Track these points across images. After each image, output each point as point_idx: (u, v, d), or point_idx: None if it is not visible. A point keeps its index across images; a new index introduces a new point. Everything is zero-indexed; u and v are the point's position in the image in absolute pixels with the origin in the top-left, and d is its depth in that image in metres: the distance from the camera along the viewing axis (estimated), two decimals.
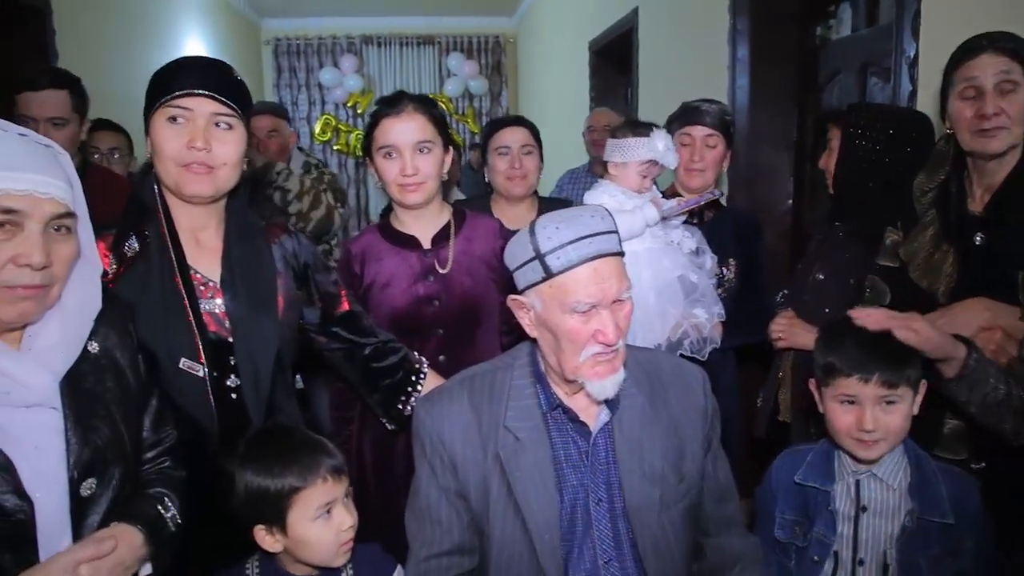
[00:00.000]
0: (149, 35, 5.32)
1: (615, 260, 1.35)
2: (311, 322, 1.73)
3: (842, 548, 1.55)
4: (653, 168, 2.12)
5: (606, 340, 1.32)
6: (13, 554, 1.12)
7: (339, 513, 1.38)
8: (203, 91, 1.47)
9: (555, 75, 7.04)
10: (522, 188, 2.56)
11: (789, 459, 1.67)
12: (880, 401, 1.50)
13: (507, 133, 2.59)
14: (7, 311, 1.14)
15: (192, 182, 1.49)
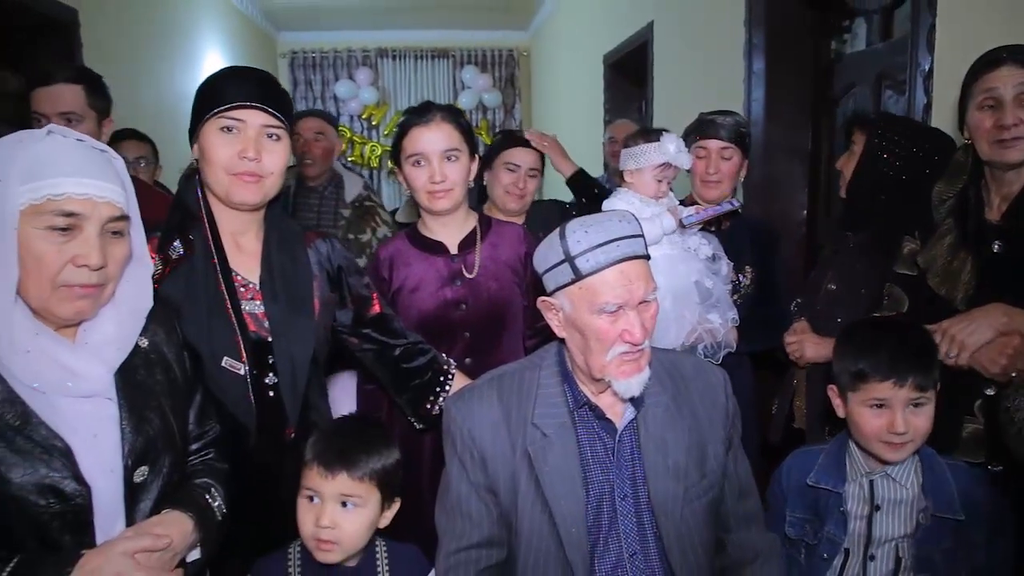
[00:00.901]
0: (171, 48, 5.43)
1: (641, 263, 1.40)
2: (344, 323, 1.79)
3: (853, 545, 1.60)
4: (667, 171, 2.18)
5: (633, 340, 1.37)
6: (72, 536, 1.18)
7: (326, 509, 1.43)
8: (256, 104, 1.54)
9: (569, 88, 7.10)
10: (518, 205, 2.69)
11: (800, 459, 1.72)
12: (909, 403, 1.54)
13: (520, 152, 2.69)
14: (66, 308, 1.20)
15: (242, 190, 1.56)
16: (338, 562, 1.46)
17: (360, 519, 1.45)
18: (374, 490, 1.47)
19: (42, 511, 1.16)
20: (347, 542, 1.44)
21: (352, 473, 1.44)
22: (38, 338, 1.18)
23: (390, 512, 1.52)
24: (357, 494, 1.45)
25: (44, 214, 1.15)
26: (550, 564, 1.47)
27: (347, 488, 1.44)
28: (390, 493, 1.51)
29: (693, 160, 2.43)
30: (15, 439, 1.14)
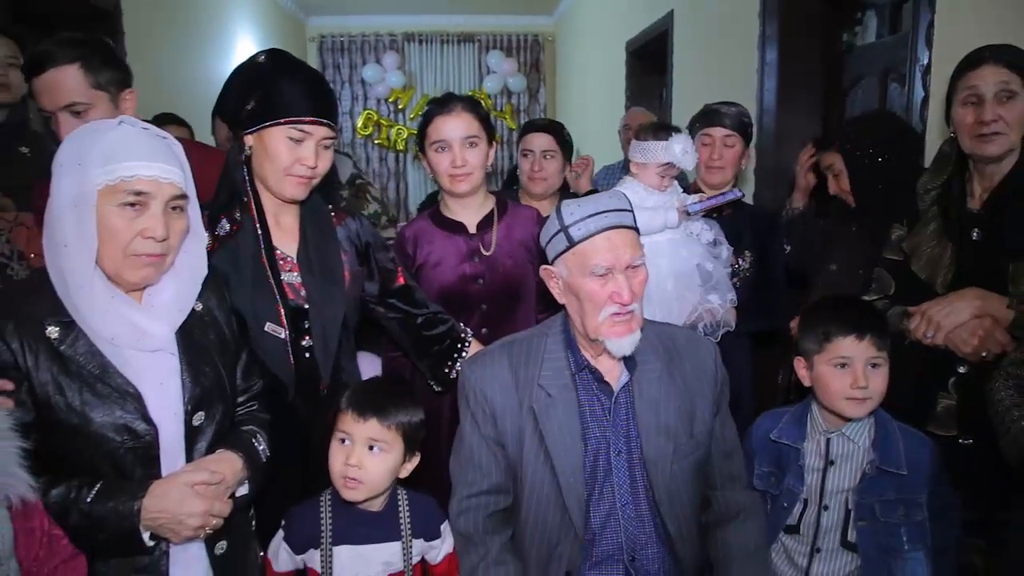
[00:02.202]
0: (205, 34, 5.61)
1: (628, 232, 1.59)
2: (371, 294, 1.97)
3: (811, 496, 1.77)
4: (671, 169, 2.31)
5: (621, 300, 1.56)
6: (142, 468, 1.39)
7: (355, 450, 1.60)
8: (323, 120, 1.72)
9: (592, 74, 7.18)
10: (541, 188, 2.81)
11: (768, 419, 1.90)
12: (869, 362, 1.70)
13: (534, 138, 2.84)
14: (134, 275, 1.38)
15: (294, 189, 1.75)
16: (362, 502, 1.64)
17: (384, 463, 1.62)
18: (399, 439, 1.63)
19: (118, 446, 1.36)
20: (371, 482, 1.61)
21: (381, 420, 1.61)
22: (113, 300, 1.36)
23: (411, 464, 1.69)
24: (384, 439, 1.61)
25: (117, 193, 1.33)
26: (550, 510, 1.65)
27: (375, 433, 1.61)
28: (412, 446, 1.67)
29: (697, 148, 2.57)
30: (96, 385, 1.34)
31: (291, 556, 1.64)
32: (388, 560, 1.64)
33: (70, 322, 1.35)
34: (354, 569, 1.62)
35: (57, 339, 1.34)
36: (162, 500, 1.35)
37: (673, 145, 2.25)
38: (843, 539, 1.74)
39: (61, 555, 1.28)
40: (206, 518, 1.38)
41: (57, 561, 1.27)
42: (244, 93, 1.73)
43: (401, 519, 1.68)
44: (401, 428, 1.64)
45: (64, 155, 1.35)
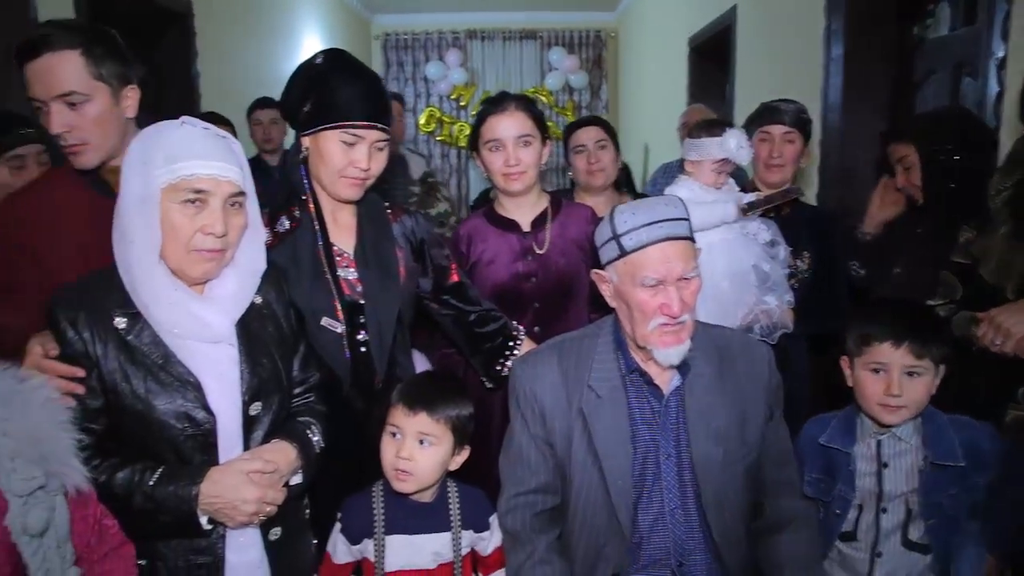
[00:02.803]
0: (272, 33, 5.75)
1: (683, 243, 1.56)
2: (425, 290, 2.00)
3: (866, 500, 1.73)
4: (726, 165, 2.29)
5: (670, 312, 1.54)
6: (201, 454, 1.45)
7: (405, 444, 1.64)
8: (375, 124, 1.75)
9: (654, 70, 7.12)
10: (601, 179, 2.80)
11: (816, 424, 1.86)
12: (906, 370, 1.66)
13: (582, 133, 2.84)
14: (195, 269, 1.44)
15: (348, 190, 1.79)
16: (412, 494, 1.67)
17: (434, 456, 1.65)
18: (448, 433, 1.67)
19: (179, 433, 1.42)
20: (421, 474, 1.65)
21: (431, 414, 1.65)
22: (176, 292, 1.42)
23: (460, 457, 1.72)
24: (433, 433, 1.65)
25: (179, 191, 1.39)
26: (598, 511, 1.64)
27: (425, 426, 1.64)
28: (461, 439, 1.70)
29: (756, 145, 2.53)
30: (159, 374, 1.40)
31: (348, 547, 1.68)
32: (438, 550, 1.67)
33: (136, 313, 1.41)
34: (406, 558, 1.66)
35: (124, 329, 1.40)
36: (218, 486, 1.40)
37: (727, 140, 2.22)
38: (904, 540, 1.70)
39: (111, 543, 1.35)
40: (260, 505, 1.43)
41: (107, 548, 1.34)
42: (301, 95, 1.77)
43: (451, 510, 1.71)
44: (450, 422, 1.67)
45: (131, 156, 1.41)
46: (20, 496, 1.16)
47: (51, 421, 1.23)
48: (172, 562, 1.45)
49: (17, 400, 1.21)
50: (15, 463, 1.17)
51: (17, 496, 1.16)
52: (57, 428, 1.23)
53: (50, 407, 1.24)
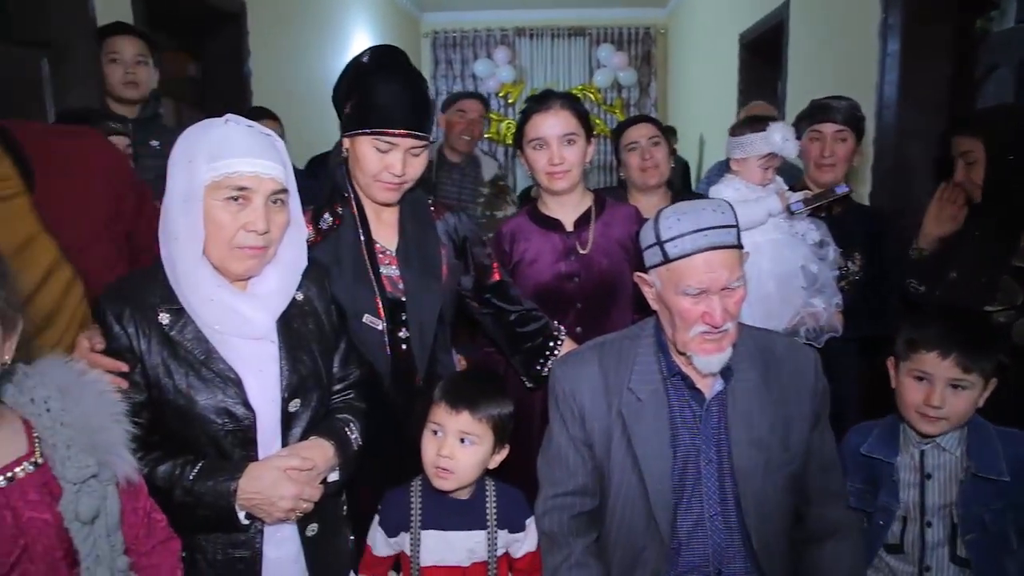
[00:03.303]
0: (323, 32, 5.81)
1: (729, 252, 1.51)
2: (466, 288, 2.00)
3: (910, 512, 1.67)
4: (773, 160, 2.24)
5: (712, 322, 1.50)
6: (241, 450, 1.46)
7: (447, 442, 1.65)
8: (409, 131, 1.73)
9: (704, 67, 7.03)
10: (655, 177, 2.71)
11: (858, 433, 1.80)
12: (951, 382, 1.60)
13: (634, 130, 2.77)
14: (238, 266, 1.45)
15: (383, 194, 1.79)
16: (452, 492, 1.68)
17: (475, 455, 1.66)
18: (489, 432, 1.67)
19: (219, 428, 1.43)
20: (461, 473, 1.65)
21: (473, 413, 1.65)
22: (219, 289, 1.43)
23: (499, 456, 1.72)
24: (475, 432, 1.65)
25: (223, 188, 1.40)
26: (636, 516, 1.62)
27: (467, 426, 1.65)
28: (502, 438, 1.71)
29: (807, 144, 2.47)
30: (201, 370, 1.42)
31: (386, 540, 1.69)
32: (472, 548, 1.67)
33: (180, 309, 1.43)
34: (440, 553, 1.66)
35: (168, 325, 1.43)
36: (256, 482, 1.41)
37: (772, 134, 2.18)
38: (952, 555, 1.64)
39: (159, 536, 1.37)
40: (296, 501, 1.44)
41: (155, 542, 1.36)
42: (345, 94, 1.78)
43: (488, 509, 1.71)
44: (492, 421, 1.67)
45: (176, 153, 1.43)
46: (73, 483, 1.19)
47: (105, 412, 1.25)
48: (211, 555, 1.47)
49: (75, 391, 1.23)
50: (70, 451, 1.19)
51: (70, 483, 1.19)
52: (111, 419, 1.25)
53: (105, 399, 1.27)
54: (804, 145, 2.47)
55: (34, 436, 1.20)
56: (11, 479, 1.14)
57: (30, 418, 1.20)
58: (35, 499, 1.15)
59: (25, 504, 1.14)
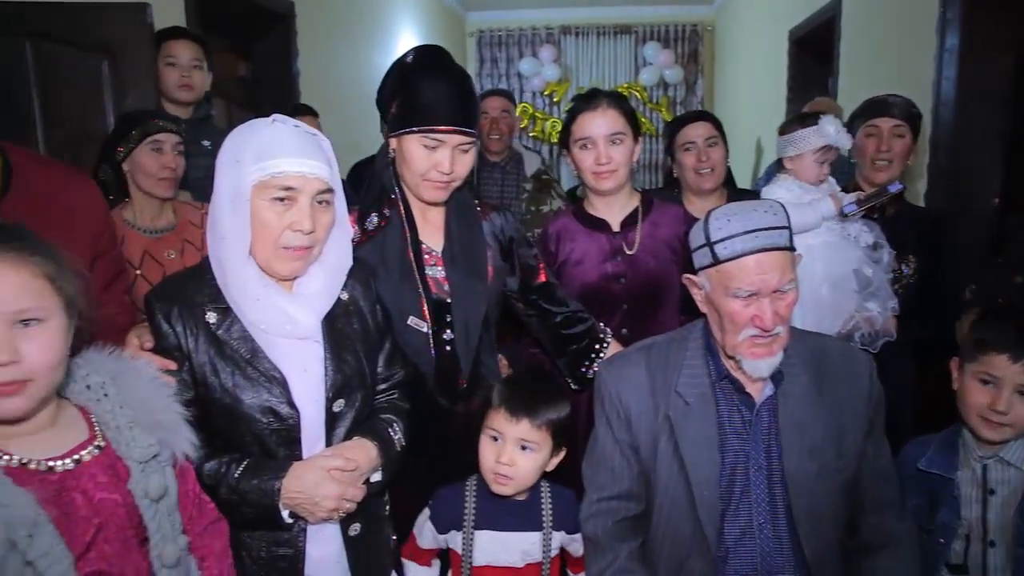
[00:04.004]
0: (370, 31, 5.86)
1: (780, 254, 1.47)
2: (512, 289, 1.97)
3: (972, 530, 1.60)
4: (828, 153, 2.18)
5: (762, 325, 1.46)
6: (285, 448, 1.47)
7: (506, 449, 1.64)
8: (457, 127, 1.72)
9: (752, 64, 6.92)
10: (711, 182, 2.61)
11: (915, 447, 1.74)
12: (1019, 388, 1.54)
13: (691, 129, 2.64)
14: (284, 267, 1.46)
15: (432, 193, 1.77)
16: (509, 495, 1.67)
17: (534, 461, 1.66)
18: (548, 438, 1.66)
19: (264, 427, 1.44)
20: (521, 479, 1.65)
21: (533, 420, 1.64)
22: (266, 289, 1.44)
23: (556, 459, 1.71)
24: (535, 440, 1.64)
25: (269, 188, 1.40)
26: (682, 522, 1.59)
27: (527, 433, 1.64)
28: (560, 442, 1.70)
29: (862, 141, 2.41)
30: (246, 369, 1.43)
31: (434, 535, 1.69)
32: (527, 549, 1.67)
33: (227, 308, 1.45)
34: (493, 554, 1.66)
35: (215, 324, 1.44)
36: (300, 481, 1.42)
37: (824, 126, 2.13)
38: None
39: (209, 516, 1.39)
40: (339, 501, 1.44)
41: (206, 522, 1.38)
42: (390, 94, 1.77)
43: (543, 510, 1.70)
44: (551, 427, 1.67)
45: (224, 154, 1.44)
46: (139, 462, 1.22)
47: (161, 394, 1.28)
48: (255, 552, 1.48)
49: (128, 376, 1.26)
50: (133, 432, 1.22)
51: (137, 462, 1.21)
52: (167, 399, 1.28)
53: (157, 383, 1.30)
54: (859, 142, 2.40)
55: (93, 421, 1.22)
56: (77, 461, 1.17)
57: (87, 404, 1.23)
58: (104, 480, 1.18)
59: (95, 486, 1.17)
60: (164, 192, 2.37)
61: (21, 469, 1.11)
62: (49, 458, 1.14)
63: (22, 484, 1.07)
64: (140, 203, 2.38)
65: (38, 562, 1.04)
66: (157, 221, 2.40)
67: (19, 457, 1.12)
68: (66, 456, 1.16)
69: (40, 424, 1.16)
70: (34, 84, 2.59)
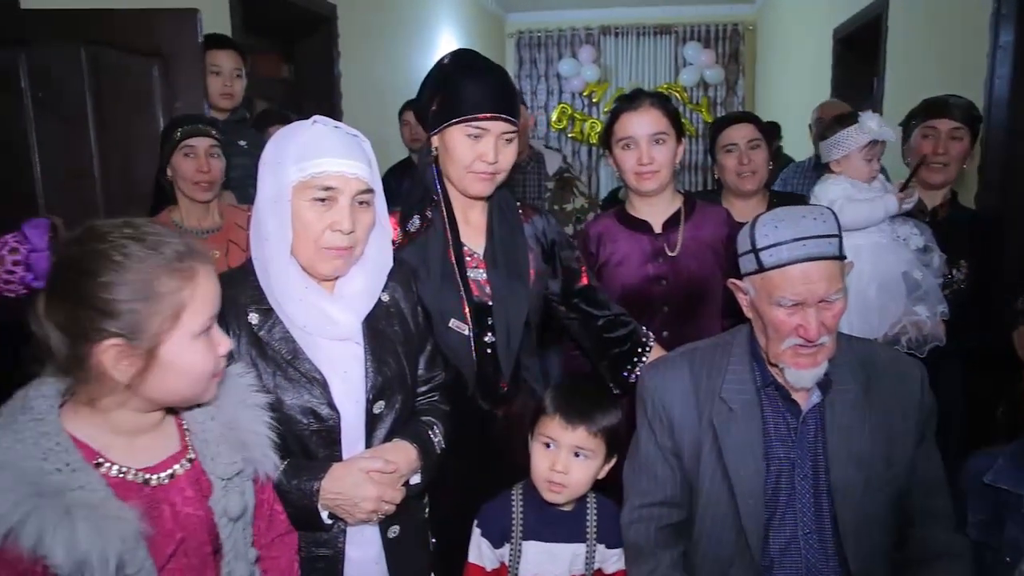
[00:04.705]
0: (410, 33, 5.89)
1: (828, 264, 1.43)
2: (554, 292, 1.96)
3: None
4: (875, 148, 2.15)
5: (807, 336, 1.43)
6: (325, 450, 1.47)
7: (560, 456, 1.60)
8: (500, 115, 1.71)
9: (795, 64, 6.81)
10: (753, 184, 2.59)
11: (980, 460, 1.65)
12: None
13: (733, 130, 2.61)
14: (324, 267, 1.46)
15: (478, 186, 1.76)
16: (561, 504, 1.64)
17: (589, 469, 1.62)
18: (603, 445, 1.62)
19: (304, 428, 1.44)
20: (574, 487, 1.62)
21: (589, 428, 1.60)
22: (307, 290, 1.44)
23: (609, 466, 1.67)
24: (590, 447, 1.61)
25: (309, 188, 1.40)
26: (725, 530, 1.55)
27: (582, 441, 1.60)
28: (613, 449, 1.66)
29: (918, 142, 2.35)
30: (288, 369, 1.43)
31: (493, 552, 1.66)
32: (572, 560, 1.64)
33: (268, 309, 1.45)
34: (541, 566, 1.63)
35: (256, 324, 1.44)
36: (339, 483, 1.42)
37: (866, 122, 2.10)
38: None
39: (278, 529, 1.40)
40: (378, 503, 1.44)
41: (274, 535, 1.39)
42: (430, 96, 1.77)
43: (588, 522, 1.67)
44: (606, 434, 1.63)
45: (266, 155, 1.45)
46: (222, 479, 1.22)
47: (252, 411, 1.29)
48: None
49: (225, 388, 1.26)
50: (219, 448, 1.23)
51: (219, 479, 1.22)
52: (257, 420, 1.29)
53: (250, 396, 1.30)
54: (915, 142, 2.35)
55: (185, 431, 1.23)
56: (171, 476, 1.18)
57: (181, 415, 1.24)
58: (190, 495, 1.19)
59: (183, 500, 1.17)
60: (200, 195, 2.40)
61: (120, 480, 1.11)
62: (145, 468, 1.15)
63: (124, 497, 1.08)
64: (186, 206, 2.45)
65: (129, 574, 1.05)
66: (203, 222, 2.47)
67: (118, 467, 1.12)
68: (160, 469, 1.17)
69: (146, 425, 1.17)
70: (88, 88, 2.69)
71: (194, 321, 1.12)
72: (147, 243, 1.09)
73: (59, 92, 2.66)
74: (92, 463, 1.08)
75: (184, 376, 1.13)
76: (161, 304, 1.08)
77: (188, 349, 1.12)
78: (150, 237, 1.10)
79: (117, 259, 1.06)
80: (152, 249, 1.09)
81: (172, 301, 1.09)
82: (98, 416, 1.12)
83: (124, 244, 1.07)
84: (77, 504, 1.00)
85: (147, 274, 1.07)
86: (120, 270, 1.06)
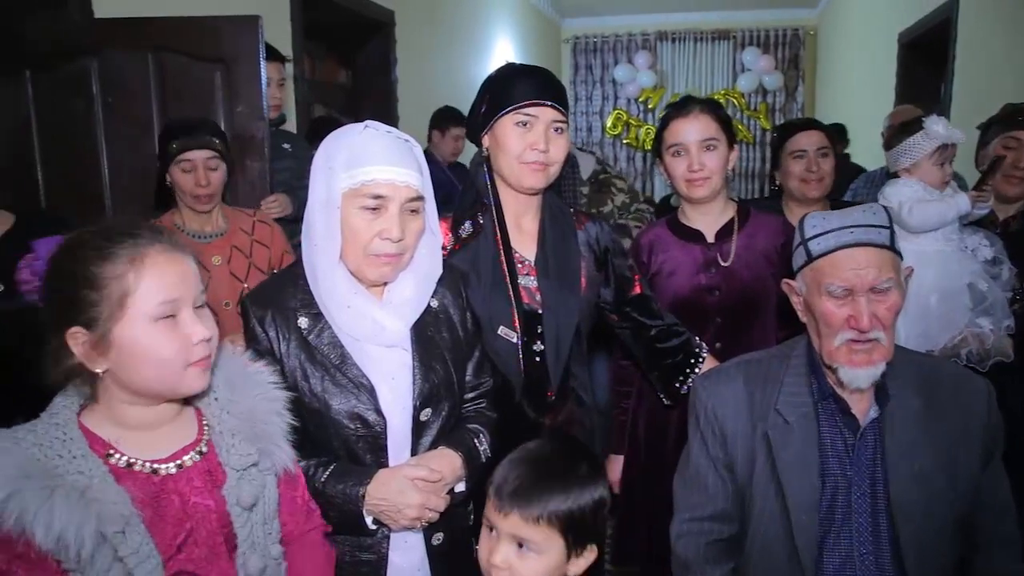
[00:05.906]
0: (467, 38, 5.93)
1: (877, 251, 1.41)
2: (606, 301, 1.93)
3: None
4: (946, 152, 2.10)
5: (858, 326, 1.38)
6: (372, 455, 1.48)
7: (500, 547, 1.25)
8: (548, 101, 1.72)
9: (857, 70, 6.66)
10: (818, 191, 2.55)
11: None
12: None
13: (803, 137, 2.59)
14: (373, 273, 1.46)
15: (530, 177, 1.75)
16: None
17: (536, 567, 1.24)
18: (555, 536, 1.23)
19: (351, 433, 1.45)
20: None
21: (525, 513, 1.23)
22: (356, 296, 1.45)
23: (583, 561, 1.28)
24: (534, 539, 1.23)
25: (359, 196, 1.41)
26: (778, 548, 1.51)
27: (517, 529, 1.24)
28: (580, 540, 1.26)
29: (998, 152, 2.28)
30: (336, 375, 1.44)
31: None
32: None
33: (318, 314, 1.46)
34: None
35: (306, 329, 1.45)
36: (384, 488, 1.42)
37: (932, 127, 2.06)
38: None
39: (315, 523, 1.42)
40: (422, 511, 1.43)
41: (311, 527, 1.41)
42: (478, 102, 1.79)
43: None
44: (558, 521, 1.23)
45: (317, 159, 1.46)
46: (236, 470, 1.24)
47: (267, 404, 1.30)
48: (339, 556, 1.47)
49: (239, 382, 1.30)
50: (235, 439, 1.25)
51: (234, 470, 1.24)
52: (272, 412, 1.30)
53: (268, 391, 1.32)
54: (994, 152, 2.27)
55: (203, 423, 1.26)
56: (180, 466, 1.20)
57: (201, 405, 1.27)
58: (200, 485, 1.21)
59: (191, 490, 1.20)
60: (201, 207, 2.39)
61: (127, 470, 1.15)
62: (155, 460, 1.18)
63: (122, 483, 1.12)
64: (186, 211, 2.43)
65: (127, 559, 1.08)
66: (205, 227, 2.45)
67: (127, 458, 1.16)
68: (170, 460, 1.20)
69: (163, 417, 1.21)
70: (154, 92, 2.80)
71: (146, 304, 1.12)
72: (102, 233, 1.15)
73: (127, 96, 2.77)
74: (102, 453, 1.14)
75: (147, 362, 1.13)
76: (108, 289, 1.11)
77: (144, 333, 1.13)
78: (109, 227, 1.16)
79: (79, 254, 1.13)
80: (104, 239, 1.14)
81: (117, 287, 1.11)
82: (111, 412, 1.18)
83: (88, 239, 1.14)
84: (65, 486, 1.05)
85: (91, 262, 1.12)
86: (75, 262, 1.13)
